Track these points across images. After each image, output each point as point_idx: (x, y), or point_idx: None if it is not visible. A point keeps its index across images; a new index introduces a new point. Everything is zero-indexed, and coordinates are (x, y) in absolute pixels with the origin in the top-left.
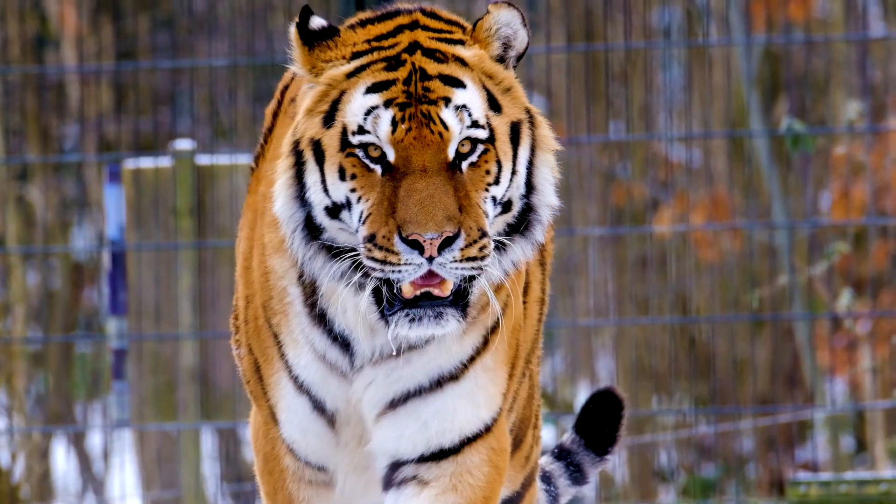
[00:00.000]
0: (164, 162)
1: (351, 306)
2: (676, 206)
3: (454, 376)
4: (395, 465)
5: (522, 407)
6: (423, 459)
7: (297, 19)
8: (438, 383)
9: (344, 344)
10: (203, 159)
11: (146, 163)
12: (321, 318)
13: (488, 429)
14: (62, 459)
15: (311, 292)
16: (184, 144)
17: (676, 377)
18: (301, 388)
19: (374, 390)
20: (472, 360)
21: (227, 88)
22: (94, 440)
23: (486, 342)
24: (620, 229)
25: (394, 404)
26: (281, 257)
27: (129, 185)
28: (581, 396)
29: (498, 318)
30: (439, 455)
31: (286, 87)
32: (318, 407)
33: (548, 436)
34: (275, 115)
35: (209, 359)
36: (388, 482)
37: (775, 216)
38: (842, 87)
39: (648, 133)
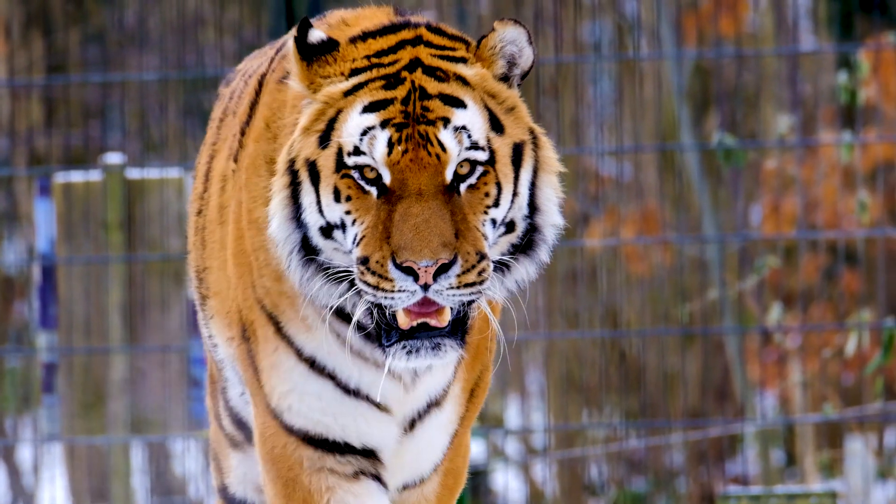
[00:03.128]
0: (95, 176)
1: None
2: (607, 220)
3: (438, 402)
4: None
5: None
6: (404, 488)
7: (295, 32)
8: (428, 408)
9: (369, 336)
10: (133, 173)
11: (76, 176)
12: (342, 311)
13: (444, 454)
14: None
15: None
16: (114, 158)
17: (607, 391)
18: (322, 371)
19: (399, 406)
20: (450, 385)
21: (158, 102)
22: (24, 454)
23: (455, 370)
24: None
25: (412, 424)
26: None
27: (60, 198)
28: (511, 410)
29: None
30: (412, 485)
31: (278, 52)
32: (354, 392)
33: (477, 450)
34: (252, 106)
35: (139, 372)
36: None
37: (706, 230)
38: (772, 101)
39: (579, 147)
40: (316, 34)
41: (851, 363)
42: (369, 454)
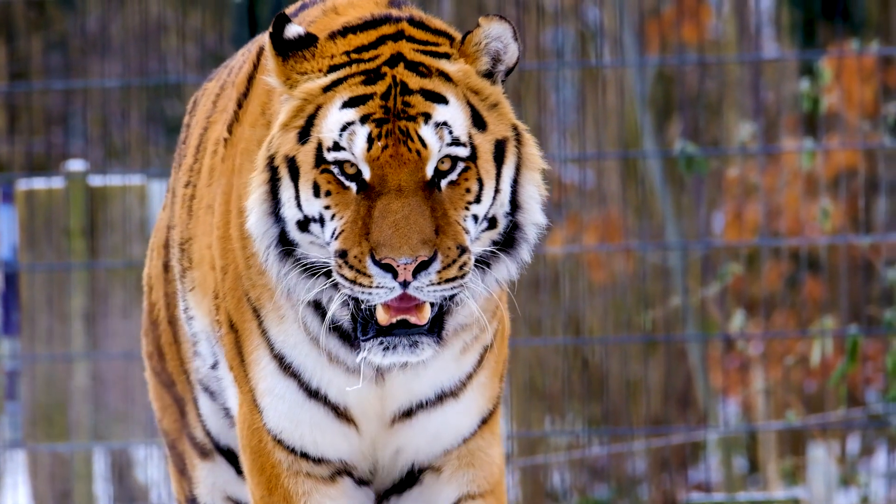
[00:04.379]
0: (57, 183)
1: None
2: (569, 226)
3: (454, 393)
4: (413, 467)
5: None
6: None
7: (271, 28)
8: (440, 399)
9: (343, 336)
10: (95, 180)
11: (39, 183)
12: (317, 304)
13: (485, 421)
14: None
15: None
16: (76, 165)
17: (569, 398)
18: (287, 369)
19: (394, 397)
20: (471, 376)
21: (120, 109)
22: None
23: (481, 359)
24: None
25: (407, 414)
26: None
27: (22, 205)
28: None
29: (492, 335)
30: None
31: (261, 51)
32: (316, 395)
33: None
34: (250, 79)
35: (101, 379)
36: (410, 481)
37: (668, 237)
38: (735, 109)
39: (541, 154)
40: (293, 29)
41: (814, 370)
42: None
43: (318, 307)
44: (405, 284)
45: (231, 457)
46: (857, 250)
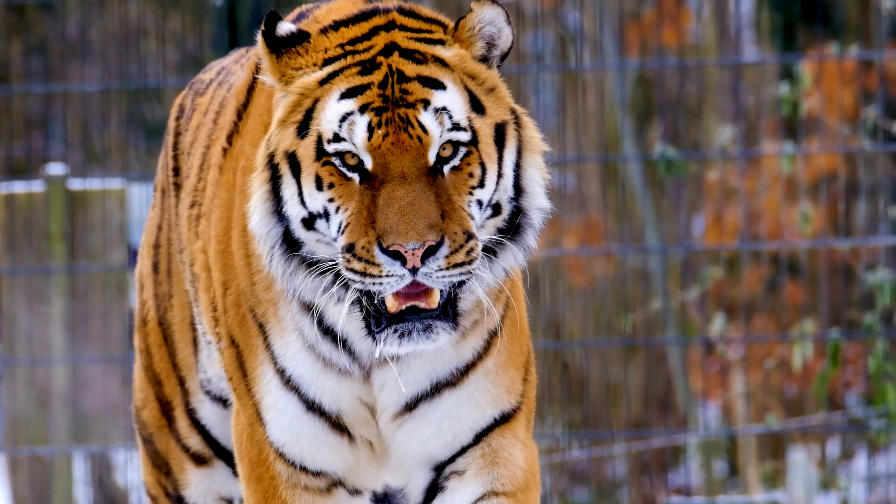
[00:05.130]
0: (37, 186)
1: (335, 308)
2: (549, 230)
3: (451, 383)
4: (437, 469)
5: None
6: (453, 458)
7: (262, 26)
8: (436, 389)
9: (335, 337)
10: (75, 184)
11: (19, 187)
12: (309, 307)
13: (505, 418)
14: None
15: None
16: (56, 169)
17: (549, 401)
18: (289, 384)
19: (388, 392)
20: (472, 365)
21: (100, 113)
22: None
23: (488, 346)
24: None
25: (409, 407)
26: None
27: (2, 209)
28: None
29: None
30: (464, 451)
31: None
32: (315, 408)
33: None
34: (249, 90)
35: (81, 383)
36: (436, 487)
37: (648, 241)
38: (715, 112)
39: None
40: (284, 27)
41: (794, 374)
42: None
43: (311, 309)
44: (414, 271)
45: (230, 458)
46: (837, 254)
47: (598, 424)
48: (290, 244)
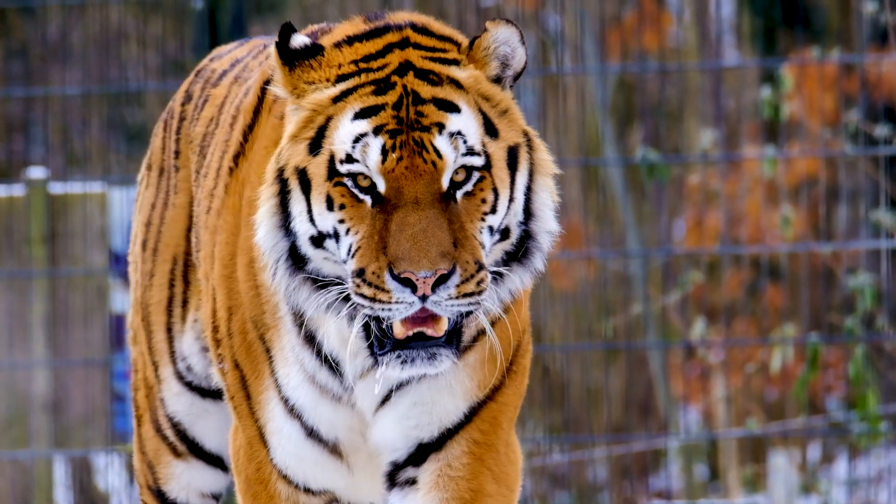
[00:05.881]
0: (18, 190)
1: (335, 332)
2: None
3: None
4: (396, 466)
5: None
6: (411, 457)
7: (276, 38)
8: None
9: (331, 366)
10: (56, 188)
11: None
12: (310, 340)
13: (468, 419)
14: None
15: (300, 313)
16: (37, 173)
17: (530, 406)
18: (292, 412)
19: (371, 397)
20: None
21: (81, 117)
22: None
23: (473, 341)
24: None
25: (383, 401)
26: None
27: None
28: None
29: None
30: (422, 450)
31: (267, 82)
32: (314, 435)
33: None
34: (256, 111)
35: (62, 387)
36: (392, 482)
37: (629, 245)
38: (696, 116)
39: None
40: (299, 39)
41: (774, 378)
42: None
43: (312, 341)
44: (423, 298)
45: (207, 458)
46: (817, 258)
47: (579, 428)
48: (296, 260)
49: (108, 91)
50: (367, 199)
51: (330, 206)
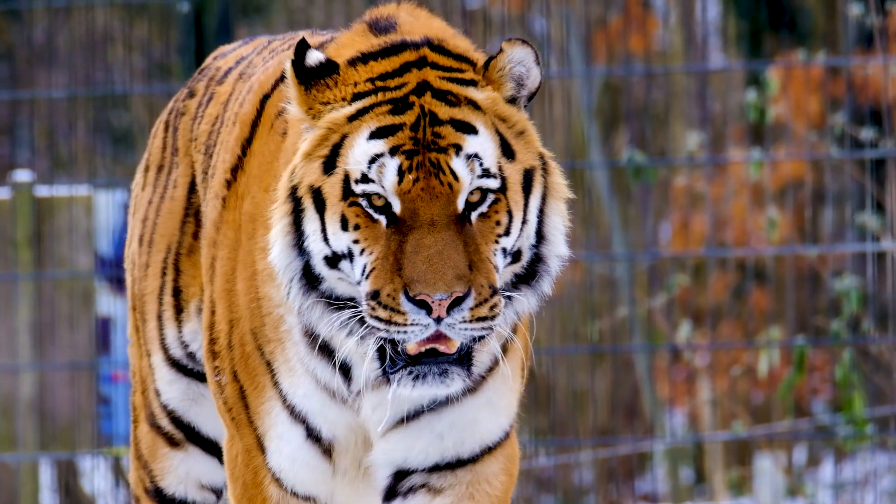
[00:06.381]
0: (3, 193)
1: (350, 344)
2: None
3: (472, 388)
4: (401, 475)
5: None
6: (435, 469)
7: (292, 56)
8: (456, 396)
9: (344, 371)
10: (42, 190)
11: None
12: (324, 349)
13: (507, 435)
14: None
15: (312, 331)
16: (23, 176)
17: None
18: (297, 417)
19: (383, 411)
20: (490, 370)
21: (67, 120)
22: None
23: (503, 350)
24: None
25: (405, 420)
26: (278, 287)
27: None
28: None
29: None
30: (455, 464)
31: (266, 97)
32: (313, 436)
33: None
34: (253, 125)
35: (48, 390)
36: (393, 492)
37: (615, 248)
38: (681, 119)
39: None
40: (314, 56)
41: (760, 381)
42: None
43: (325, 352)
44: (438, 321)
45: (204, 444)
46: (803, 261)
47: (565, 431)
48: (310, 279)
49: (94, 94)
50: (382, 220)
51: (344, 226)
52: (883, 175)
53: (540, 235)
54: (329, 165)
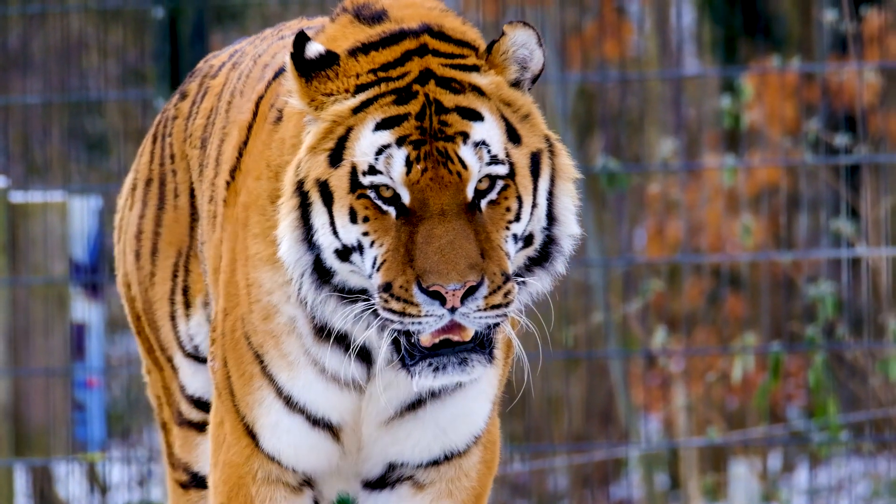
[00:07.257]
0: None
1: (368, 333)
2: None
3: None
4: (393, 467)
5: None
6: (426, 464)
7: (291, 48)
8: (461, 383)
9: (361, 357)
10: (16, 196)
11: None
12: (338, 339)
13: (485, 423)
14: None
15: (323, 323)
16: None
17: None
18: (294, 406)
19: (393, 392)
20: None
21: (41, 126)
22: None
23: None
24: None
25: (413, 407)
26: (271, 271)
27: None
28: None
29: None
30: (442, 460)
31: (260, 99)
32: (319, 423)
33: None
34: (249, 127)
35: (22, 396)
36: (382, 482)
37: (590, 254)
38: (656, 125)
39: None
40: (314, 48)
41: (735, 387)
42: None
43: (340, 341)
44: (452, 311)
45: None
46: (778, 267)
47: (540, 437)
48: (321, 273)
49: (69, 100)
50: (392, 211)
51: (353, 219)
52: (857, 181)
53: (551, 217)
54: (335, 158)
